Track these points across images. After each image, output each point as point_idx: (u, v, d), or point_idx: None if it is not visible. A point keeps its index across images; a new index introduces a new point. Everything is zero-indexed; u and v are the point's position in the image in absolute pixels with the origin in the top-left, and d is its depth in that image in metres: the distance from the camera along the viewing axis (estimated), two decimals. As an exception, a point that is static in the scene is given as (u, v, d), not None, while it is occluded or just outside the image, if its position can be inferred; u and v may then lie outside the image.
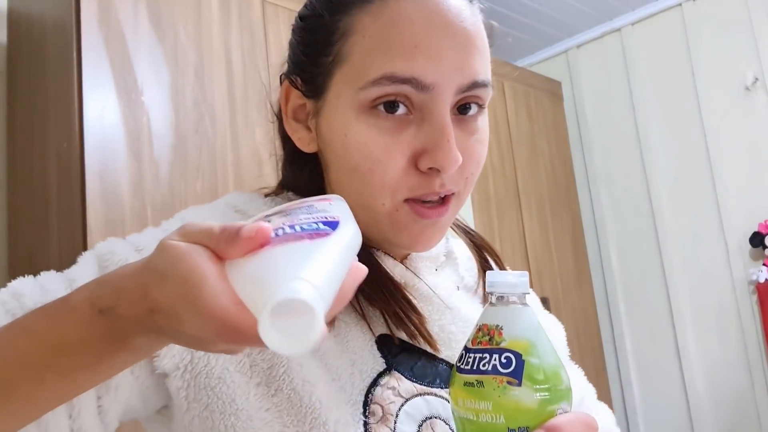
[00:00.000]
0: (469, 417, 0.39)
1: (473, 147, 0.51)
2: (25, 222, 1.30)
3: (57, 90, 1.21)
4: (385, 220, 0.50)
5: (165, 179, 1.22)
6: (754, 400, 2.25)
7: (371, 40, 0.48)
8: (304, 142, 0.54)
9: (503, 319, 0.40)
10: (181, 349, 0.45)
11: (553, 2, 2.46)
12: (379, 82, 0.47)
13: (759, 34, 2.30)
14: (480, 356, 0.39)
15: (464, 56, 0.49)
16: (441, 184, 0.48)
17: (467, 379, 0.39)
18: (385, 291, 0.51)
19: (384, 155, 0.48)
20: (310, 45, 0.52)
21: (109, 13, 1.19)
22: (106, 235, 1.11)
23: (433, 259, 0.59)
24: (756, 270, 2.24)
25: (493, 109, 2.28)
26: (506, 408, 0.37)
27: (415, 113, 0.48)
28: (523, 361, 0.38)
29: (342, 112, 0.49)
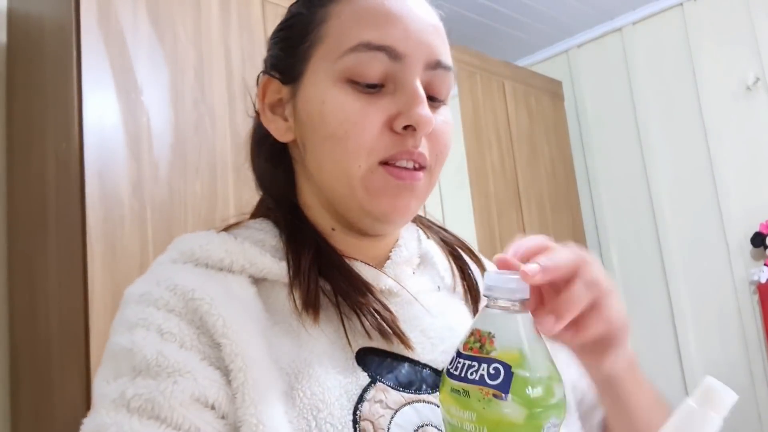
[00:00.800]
0: (455, 423, 0.38)
1: (441, 127, 0.54)
2: (24, 222, 1.30)
3: (56, 90, 1.20)
4: (360, 186, 0.51)
5: (164, 179, 1.21)
6: (755, 399, 2.25)
7: (347, 19, 0.52)
8: (280, 132, 0.56)
9: (496, 327, 0.39)
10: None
11: (553, 2, 2.45)
12: (355, 49, 0.50)
13: (760, 34, 2.30)
14: (469, 363, 0.38)
15: (429, 36, 0.53)
16: (414, 145, 0.51)
17: (454, 386, 0.38)
18: (356, 291, 0.52)
19: (360, 118, 0.50)
20: (288, 39, 0.56)
21: (108, 14, 1.19)
22: (105, 235, 1.11)
23: (409, 262, 0.59)
24: (757, 270, 2.24)
25: (494, 109, 2.27)
26: (490, 421, 0.36)
27: (388, 84, 0.51)
28: (512, 374, 0.36)
29: (320, 84, 0.52)
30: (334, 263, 0.53)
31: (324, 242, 0.55)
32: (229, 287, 0.49)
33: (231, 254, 0.51)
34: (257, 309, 0.50)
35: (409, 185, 0.51)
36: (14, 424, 1.27)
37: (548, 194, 2.45)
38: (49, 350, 1.18)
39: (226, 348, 0.44)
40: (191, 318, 0.46)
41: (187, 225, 1.23)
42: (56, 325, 1.16)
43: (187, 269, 0.50)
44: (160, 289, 0.47)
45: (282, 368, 0.47)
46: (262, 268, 0.52)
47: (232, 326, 0.45)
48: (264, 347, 0.47)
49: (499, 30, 2.65)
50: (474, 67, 2.23)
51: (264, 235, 0.55)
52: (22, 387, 1.27)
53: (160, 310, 0.46)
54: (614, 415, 0.59)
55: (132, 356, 0.43)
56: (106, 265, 1.10)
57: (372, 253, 0.57)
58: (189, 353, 0.44)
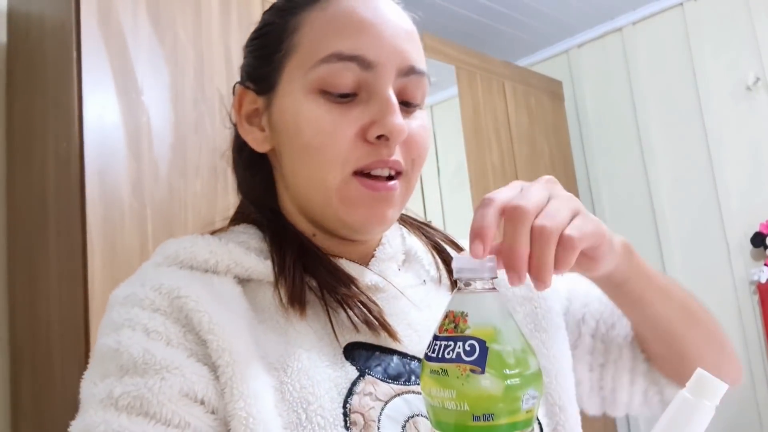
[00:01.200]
0: (436, 405, 0.39)
1: (417, 131, 0.54)
2: (24, 221, 1.30)
3: (56, 90, 1.21)
4: (336, 197, 0.51)
5: (164, 179, 1.22)
6: (755, 399, 2.25)
7: (319, 28, 0.52)
8: (257, 142, 0.56)
9: (468, 306, 0.40)
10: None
11: (553, 2, 2.46)
12: (327, 60, 0.50)
13: (760, 34, 2.30)
14: (445, 344, 0.39)
15: (403, 43, 0.53)
16: (388, 154, 0.51)
17: (433, 368, 0.39)
18: (342, 285, 0.52)
19: (333, 128, 0.50)
20: (262, 48, 0.57)
21: (108, 13, 1.19)
22: (105, 234, 1.11)
23: (394, 259, 0.60)
24: (757, 270, 2.24)
25: (494, 109, 2.28)
26: (470, 396, 0.37)
27: (361, 93, 0.51)
28: (487, 349, 0.38)
29: (294, 95, 0.52)
30: (318, 260, 0.54)
31: (307, 241, 0.56)
32: (214, 287, 0.50)
33: (216, 255, 0.51)
34: (243, 307, 0.50)
35: (384, 195, 0.52)
36: (15, 421, 1.28)
37: (548, 194, 2.45)
38: (49, 348, 1.18)
39: (212, 344, 0.45)
40: (177, 316, 0.46)
41: (187, 224, 1.23)
42: (57, 324, 1.16)
43: (172, 271, 0.50)
44: (145, 290, 0.47)
45: (270, 363, 0.47)
46: (248, 267, 0.52)
47: (218, 322, 0.45)
48: (251, 343, 0.47)
49: (499, 30, 2.65)
50: (474, 67, 2.23)
51: (248, 238, 0.56)
52: (23, 385, 1.27)
53: (145, 310, 0.46)
54: (636, 321, 0.61)
55: (119, 356, 0.43)
56: (106, 263, 1.11)
57: (356, 253, 0.58)
58: (176, 350, 0.44)
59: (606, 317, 0.67)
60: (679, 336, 0.62)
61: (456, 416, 0.38)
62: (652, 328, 0.62)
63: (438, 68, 2.10)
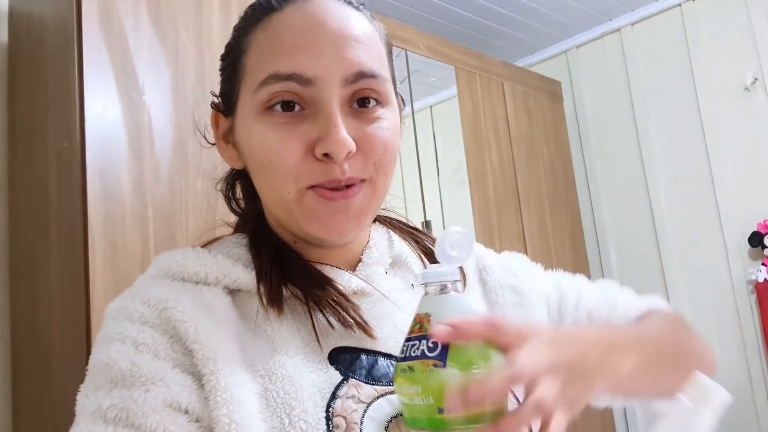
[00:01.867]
0: (405, 401, 0.41)
1: (374, 133, 0.53)
2: (26, 221, 1.31)
3: (57, 89, 1.21)
4: (295, 209, 0.53)
5: (165, 178, 1.22)
6: (753, 399, 2.26)
7: (260, 49, 0.53)
8: (233, 160, 0.59)
9: (431, 307, 0.43)
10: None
11: (552, 2, 2.46)
12: (266, 83, 0.51)
13: (758, 35, 2.31)
14: (412, 344, 0.42)
15: (345, 50, 0.51)
16: (342, 171, 0.51)
17: (402, 366, 0.42)
18: (315, 287, 0.54)
19: (281, 146, 0.51)
20: (224, 70, 0.59)
21: (110, 13, 1.20)
22: (107, 233, 1.11)
23: (381, 262, 0.61)
24: (755, 270, 2.25)
25: (493, 109, 2.28)
26: (433, 389, 0.39)
27: (308, 108, 0.52)
28: (447, 345, 0.40)
29: (246, 118, 0.54)
30: (295, 264, 0.56)
31: (285, 247, 0.58)
32: (203, 298, 0.51)
33: (205, 267, 0.53)
34: (231, 317, 0.52)
35: (341, 206, 0.52)
36: (15, 421, 1.28)
37: (547, 194, 2.46)
38: (50, 348, 1.18)
39: (198, 353, 0.46)
40: (165, 328, 0.48)
41: (188, 224, 1.23)
42: (57, 323, 1.16)
43: (164, 284, 0.52)
44: (135, 303, 0.49)
45: (256, 371, 0.49)
46: (236, 278, 0.54)
47: (203, 332, 0.47)
48: (236, 352, 0.49)
49: (498, 30, 2.65)
50: (473, 67, 2.24)
51: (239, 249, 0.58)
52: (24, 385, 1.27)
53: (135, 323, 0.48)
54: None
55: (109, 369, 0.45)
56: (107, 263, 1.11)
57: (342, 258, 0.59)
58: (162, 362, 0.46)
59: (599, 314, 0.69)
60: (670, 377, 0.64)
61: (423, 410, 0.40)
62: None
63: (437, 68, 2.10)
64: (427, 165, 2.03)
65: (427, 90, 2.13)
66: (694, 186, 2.45)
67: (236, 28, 0.58)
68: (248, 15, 0.57)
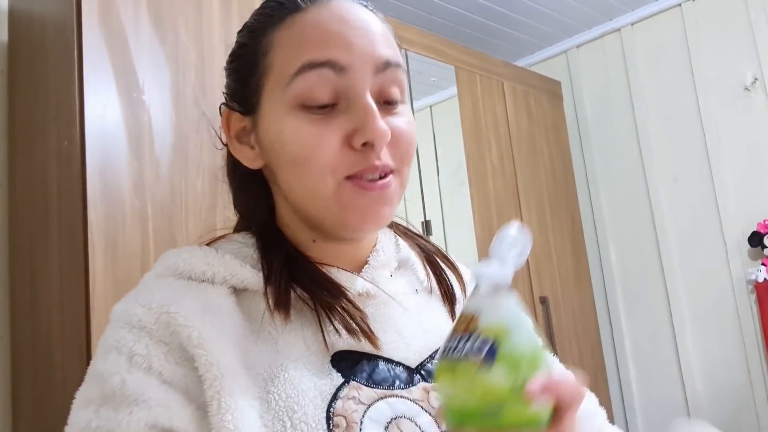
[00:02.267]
0: (449, 403, 0.41)
1: (401, 126, 0.55)
2: (26, 220, 1.31)
3: (58, 89, 1.21)
4: (332, 202, 0.53)
5: (166, 178, 1.22)
6: (753, 399, 2.26)
7: (288, 45, 0.53)
8: (249, 160, 0.58)
9: (480, 308, 0.42)
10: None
11: (552, 2, 2.46)
12: (300, 72, 0.51)
13: (758, 35, 2.31)
14: (458, 343, 0.41)
15: (373, 42, 0.54)
16: (377, 157, 0.52)
17: (446, 366, 0.41)
18: (325, 292, 0.54)
19: (317, 140, 0.51)
20: (239, 71, 0.58)
21: (110, 13, 1.20)
22: (107, 232, 1.11)
23: (387, 266, 0.61)
24: (755, 269, 2.25)
25: (493, 109, 2.28)
26: (479, 391, 0.39)
27: (341, 102, 0.52)
28: (496, 345, 0.39)
29: (276, 114, 0.54)
30: (304, 269, 0.56)
31: (296, 251, 0.58)
32: (208, 299, 0.52)
33: (213, 266, 0.53)
34: (236, 318, 0.52)
35: (379, 195, 0.53)
36: (15, 421, 1.28)
37: (547, 194, 2.46)
38: (50, 348, 1.18)
39: (201, 358, 0.46)
40: (161, 334, 0.48)
41: (188, 223, 1.23)
42: (57, 323, 1.16)
43: (169, 283, 0.53)
44: (137, 306, 0.50)
45: (258, 374, 0.49)
46: (243, 278, 0.54)
47: (207, 337, 0.47)
48: (239, 356, 0.49)
49: (498, 30, 2.65)
50: (473, 67, 2.24)
51: (246, 249, 0.58)
52: (23, 384, 1.27)
53: (133, 329, 0.48)
54: None
55: (102, 382, 0.46)
56: (107, 262, 1.11)
57: (351, 258, 0.60)
58: (151, 379, 0.46)
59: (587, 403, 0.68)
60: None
61: (466, 412, 0.39)
62: None
63: (437, 68, 2.10)
64: (427, 165, 2.03)
65: (427, 89, 2.13)
66: (694, 186, 2.45)
67: (251, 29, 0.58)
68: (266, 14, 0.57)
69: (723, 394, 2.34)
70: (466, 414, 0.39)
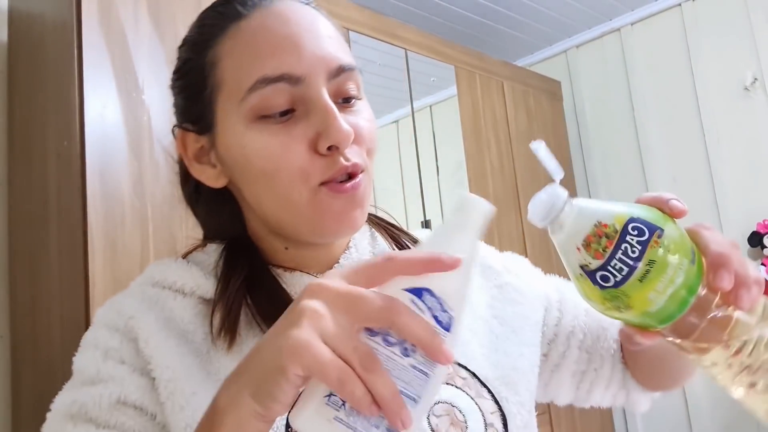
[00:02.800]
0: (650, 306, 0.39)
1: (362, 123, 0.54)
2: (25, 220, 1.31)
3: (57, 89, 1.21)
4: (307, 209, 0.52)
5: (165, 178, 1.22)
6: (752, 399, 2.26)
7: (237, 57, 0.52)
8: (212, 179, 0.57)
9: (584, 217, 0.41)
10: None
11: (552, 2, 2.46)
12: (255, 88, 0.50)
13: (758, 35, 2.31)
14: (621, 255, 0.39)
15: (323, 46, 0.52)
16: (345, 159, 0.51)
17: (639, 274, 0.39)
18: (278, 313, 0.53)
19: (283, 150, 0.51)
20: (188, 88, 0.57)
21: (109, 13, 1.20)
22: (106, 232, 1.12)
23: (360, 261, 0.60)
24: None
25: (492, 109, 2.28)
26: (673, 249, 0.39)
27: (299, 109, 0.51)
28: (643, 221, 0.40)
29: (234, 129, 0.52)
30: (265, 287, 0.55)
31: (265, 263, 0.57)
32: (173, 310, 0.54)
33: (182, 278, 0.55)
34: (201, 331, 0.53)
35: (352, 196, 0.52)
36: (15, 419, 1.28)
37: (547, 194, 2.46)
38: (50, 347, 1.18)
39: (156, 360, 0.49)
40: (130, 336, 0.51)
41: (187, 222, 1.23)
42: (57, 322, 1.16)
43: (144, 291, 0.55)
44: (112, 312, 0.53)
45: (220, 380, 0.48)
46: (207, 289, 0.55)
47: (161, 345, 0.50)
48: (198, 363, 0.51)
49: (498, 30, 2.65)
50: (473, 67, 2.24)
51: (211, 260, 0.58)
52: (23, 383, 1.27)
53: (110, 329, 0.52)
54: (650, 354, 0.64)
55: (81, 373, 0.51)
56: (107, 262, 1.11)
57: (325, 260, 0.59)
58: (124, 367, 0.50)
59: (593, 330, 0.70)
60: (671, 377, 0.68)
61: (679, 266, 0.39)
62: (659, 366, 0.66)
63: (437, 68, 2.11)
64: (426, 164, 2.03)
65: (426, 89, 2.13)
66: (693, 186, 2.45)
67: (194, 42, 0.56)
68: (208, 26, 0.55)
69: (723, 396, 2.33)
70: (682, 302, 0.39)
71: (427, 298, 0.35)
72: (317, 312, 0.34)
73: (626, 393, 0.70)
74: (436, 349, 0.34)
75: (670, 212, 0.43)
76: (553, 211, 0.41)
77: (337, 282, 0.36)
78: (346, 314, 0.35)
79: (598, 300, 0.41)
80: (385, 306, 0.34)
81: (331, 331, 0.34)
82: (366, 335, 0.35)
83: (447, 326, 0.36)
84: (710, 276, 0.41)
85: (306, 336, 0.33)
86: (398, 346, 0.34)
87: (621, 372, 0.69)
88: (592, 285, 0.40)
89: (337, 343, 0.34)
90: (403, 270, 0.36)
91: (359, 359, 0.33)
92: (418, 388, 0.34)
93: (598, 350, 0.69)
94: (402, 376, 0.34)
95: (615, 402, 0.72)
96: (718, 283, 0.40)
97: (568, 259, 0.41)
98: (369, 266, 0.37)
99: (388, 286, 0.36)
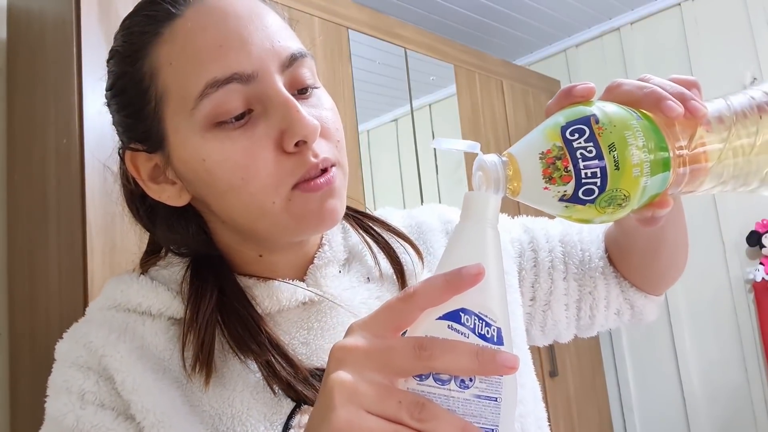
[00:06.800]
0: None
1: (326, 114, 0.50)
2: (24, 217, 1.31)
3: (57, 86, 1.21)
4: (283, 216, 0.48)
5: (164, 175, 1.22)
6: (750, 397, 2.26)
7: (178, 62, 0.47)
8: (174, 198, 0.52)
9: (531, 160, 0.38)
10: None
11: (552, 1, 2.46)
12: (205, 94, 0.46)
13: (757, 35, 2.31)
14: (583, 162, 0.37)
15: (269, 35, 0.48)
16: (315, 155, 0.48)
17: (612, 164, 0.37)
18: (251, 340, 0.50)
19: (248, 158, 0.46)
20: (128, 105, 0.51)
21: (109, 10, 1.20)
22: (106, 229, 1.12)
23: (334, 261, 0.57)
24: (753, 269, 2.25)
25: (492, 108, 2.28)
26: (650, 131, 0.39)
27: (256, 108, 0.47)
28: (572, 121, 0.38)
29: (190, 142, 0.48)
30: (236, 309, 0.51)
31: (235, 276, 0.54)
32: (144, 337, 0.50)
33: (147, 299, 0.52)
34: (175, 357, 0.50)
35: (327, 191, 0.49)
36: (13, 418, 1.28)
37: (546, 193, 2.46)
38: (48, 344, 1.18)
39: (137, 405, 0.46)
40: (105, 375, 0.48)
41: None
42: (56, 319, 1.16)
43: (109, 317, 0.51)
44: (78, 347, 0.50)
45: (205, 411, 0.48)
46: (176, 310, 0.52)
47: (141, 384, 0.46)
48: (179, 396, 0.48)
49: (497, 29, 2.65)
50: (472, 65, 2.24)
51: (178, 277, 0.54)
52: (21, 380, 1.27)
53: (81, 369, 0.48)
54: (644, 238, 0.61)
55: (58, 423, 0.46)
56: (106, 259, 1.11)
57: (300, 261, 0.56)
58: (106, 412, 0.46)
59: (574, 256, 0.67)
60: (669, 254, 0.64)
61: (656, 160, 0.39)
62: (655, 246, 0.62)
63: (436, 67, 2.11)
64: (425, 163, 2.03)
65: (426, 88, 2.13)
66: (692, 185, 2.45)
67: (125, 54, 0.50)
68: (137, 33, 0.50)
69: (720, 394, 2.35)
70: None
71: (465, 318, 0.33)
72: (346, 383, 0.32)
73: (629, 306, 0.67)
74: (491, 368, 0.32)
75: (582, 97, 0.44)
76: (500, 177, 0.38)
77: (360, 340, 0.34)
78: (379, 373, 0.33)
79: (599, 213, 0.38)
80: (416, 354, 0.32)
81: (369, 396, 0.32)
82: (416, 381, 0.32)
83: (495, 339, 0.33)
84: (659, 116, 0.41)
85: (345, 416, 0.31)
86: (453, 381, 0.32)
87: (617, 286, 0.67)
88: (583, 206, 0.38)
89: (379, 406, 0.32)
90: (427, 304, 0.33)
91: (408, 412, 0.31)
92: (491, 416, 0.32)
93: (586, 273, 0.67)
94: (469, 410, 0.31)
95: (621, 319, 0.69)
96: (669, 113, 0.41)
97: (544, 203, 0.39)
98: (391, 311, 0.34)
99: (420, 321, 0.34)
